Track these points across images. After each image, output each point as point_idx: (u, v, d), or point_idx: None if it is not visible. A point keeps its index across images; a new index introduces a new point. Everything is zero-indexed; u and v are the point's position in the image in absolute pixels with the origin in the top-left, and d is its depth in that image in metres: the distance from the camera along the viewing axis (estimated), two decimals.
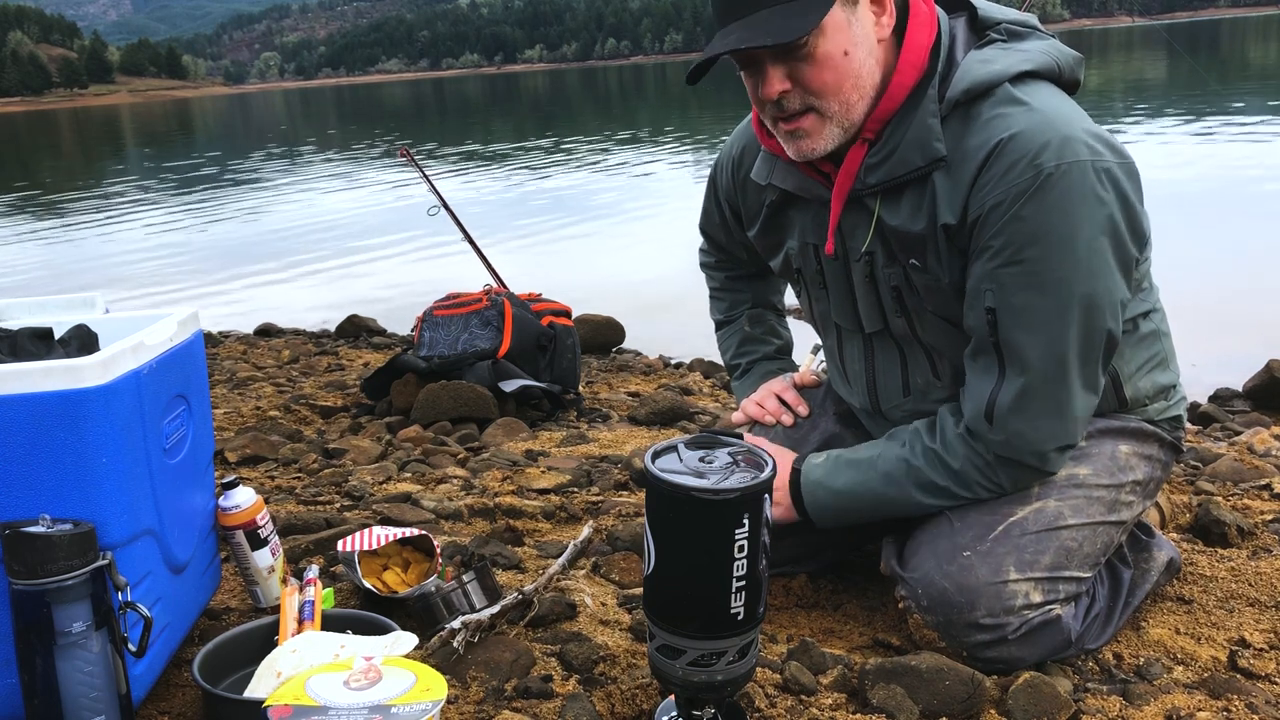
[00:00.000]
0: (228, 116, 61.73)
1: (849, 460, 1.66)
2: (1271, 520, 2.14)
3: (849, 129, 1.51)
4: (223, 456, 2.86)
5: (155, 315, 1.61)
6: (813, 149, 1.52)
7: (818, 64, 1.45)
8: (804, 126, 1.50)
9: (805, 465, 1.69)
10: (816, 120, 1.50)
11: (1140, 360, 1.67)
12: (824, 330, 1.83)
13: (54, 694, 1.25)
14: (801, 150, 1.53)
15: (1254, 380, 3.63)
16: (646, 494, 1.22)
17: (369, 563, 1.79)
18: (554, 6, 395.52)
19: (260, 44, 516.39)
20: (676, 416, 3.37)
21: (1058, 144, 1.42)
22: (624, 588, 1.88)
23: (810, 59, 1.45)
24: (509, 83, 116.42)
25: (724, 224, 1.94)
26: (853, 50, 1.46)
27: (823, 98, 1.48)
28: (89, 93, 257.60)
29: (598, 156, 16.33)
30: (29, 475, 1.28)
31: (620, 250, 8.31)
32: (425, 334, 3.63)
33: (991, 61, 1.49)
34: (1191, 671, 1.59)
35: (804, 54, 1.44)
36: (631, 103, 41.50)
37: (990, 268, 1.47)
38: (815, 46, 1.44)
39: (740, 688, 1.29)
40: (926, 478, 1.58)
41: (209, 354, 4.65)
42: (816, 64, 1.45)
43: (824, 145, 1.52)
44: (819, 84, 1.47)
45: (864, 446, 1.68)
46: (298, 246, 9.58)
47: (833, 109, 1.48)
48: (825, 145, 1.52)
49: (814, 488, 1.66)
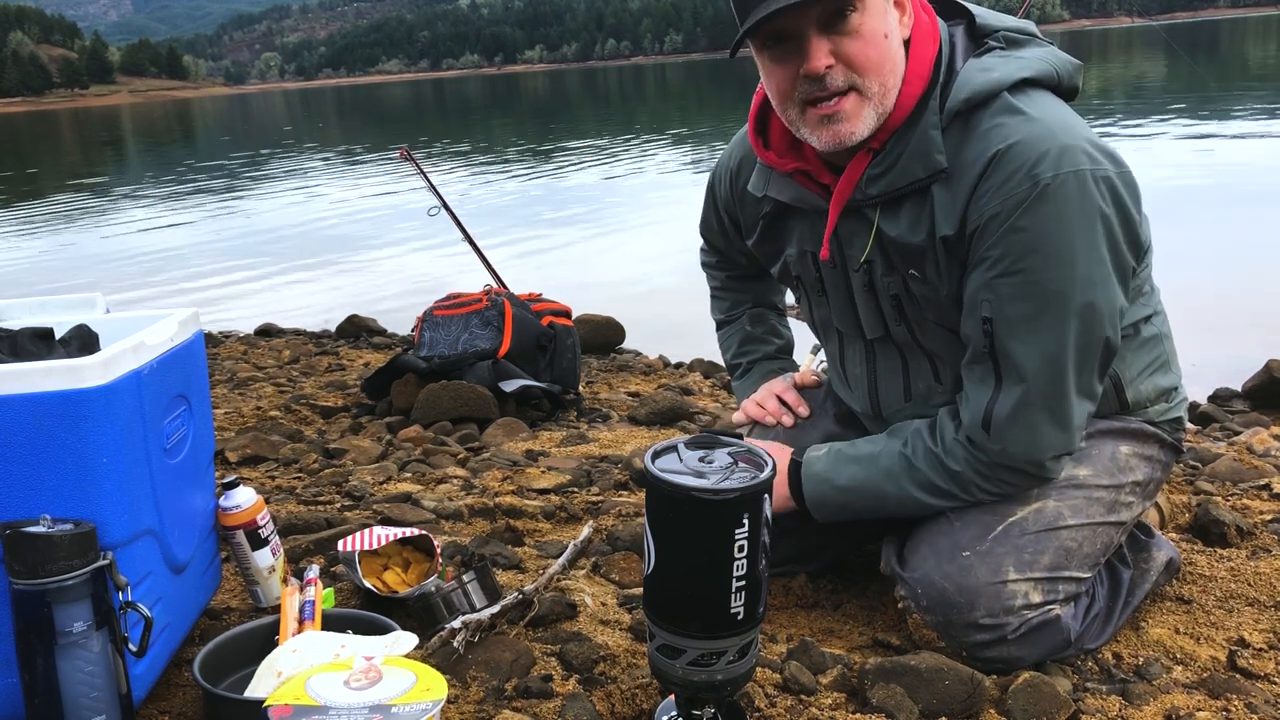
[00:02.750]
0: (228, 117, 61.74)
1: (851, 455, 1.65)
2: (1271, 520, 2.14)
3: (882, 116, 1.49)
4: (223, 456, 2.86)
5: (156, 315, 1.61)
6: (851, 132, 1.48)
7: (864, 39, 1.43)
8: (844, 108, 1.46)
9: (806, 457, 1.69)
10: (857, 101, 1.46)
11: (1142, 364, 1.67)
12: (825, 335, 1.83)
13: (54, 694, 1.25)
14: (839, 135, 1.48)
15: (1253, 380, 3.62)
16: (646, 494, 1.22)
17: (369, 563, 1.79)
18: (554, 7, 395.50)
19: (260, 44, 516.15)
20: (676, 416, 3.37)
21: (1056, 154, 1.41)
22: (624, 588, 1.88)
23: (856, 34, 1.43)
24: (509, 83, 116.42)
25: (723, 232, 1.95)
26: (891, 35, 1.46)
27: (866, 75, 1.45)
28: (89, 93, 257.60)
29: (598, 156, 16.33)
30: (30, 475, 1.28)
31: (621, 250, 8.31)
32: (425, 334, 3.63)
33: (991, 70, 1.49)
34: (1191, 671, 1.59)
35: (850, 29, 1.43)
36: (631, 103, 41.49)
37: (988, 278, 1.46)
38: (860, 23, 1.43)
39: (740, 687, 1.29)
40: (927, 479, 1.58)
41: (209, 354, 4.65)
42: (863, 39, 1.43)
43: (861, 129, 1.48)
44: (864, 59, 1.44)
45: (864, 442, 1.68)
46: (298, 246, 9.59)
47: (873, 89, 1.46)
48: (862, 129, 1.48)
49: (815, 481, 1.66)
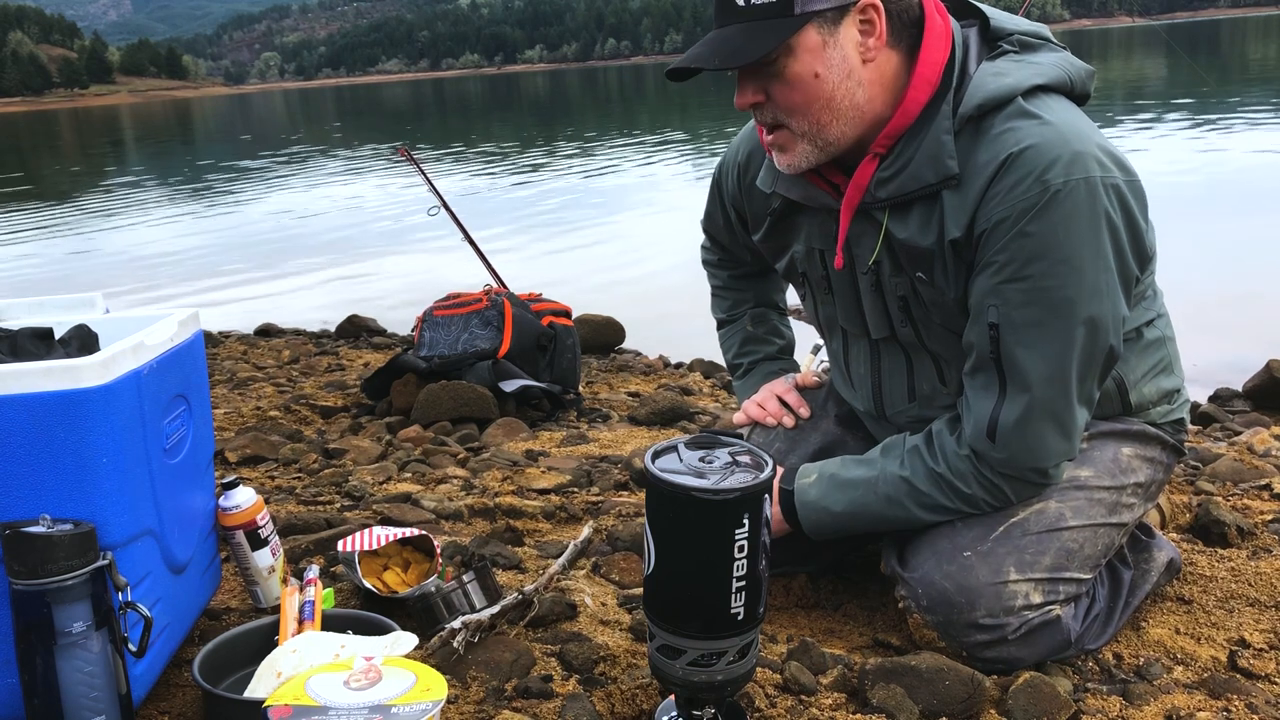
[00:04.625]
0: (228, 117, 61.73)
1: (845, 480, 1.63)
2: (1271, 520, 2.14)
3: (824, 147, 1.52)
4: (223, 456, 2.86)
5: (155, 315, 1.61)
6: (789, 164, 1.55)
7: (787, 83, 1.47)
8: (778, 141, 1.54)
9: (797, 485, 1.67)
10: (788, 136, 1.52)
11: (1146, 367, 1.67)
12: (829, 333, 1.82)
13: (54, 694, 1.25)
14: (781, 163, 1.57)
15: (1254, 380, 3.62)
16: (646, 494, 1.22)
17: (369, 563, 1.79)
18: (554, 7, 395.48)
19: (260, 44, 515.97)
20: (676, 416, 3.37)
21: (1067, 160, 1.41)
22: (624, 588, 1.88)
23: (780, 77, 1.47)
24: (509, 83, 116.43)
25: (728, 226, 1.94)
26: (825, 73, 1.46)
27: (791, 116, 1.50)
28: (89, 93, 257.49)
29: (598, 156, 16.33)
30: (29, 475, 1.28)
31: (620, 250, 8.31)
32: (425, 334, 3.63)
33: (1004, 74, 1.48)
34: (1191, 671, 1.59)
35: (774, 73, 1.47)
36: (631, 103, 41.49)
37: (994, 283, 1.46)
38: (785, 66, 1.45)
39: (740, 688, 1.29)
40: (932, 500, 1.57)
41: (209, 354, 4.65)
42: (786, 83, 1.47)
43: (800, 161, 1.54)
44: (786, 103, 1.49)
45: (855, 463, 1.66)
46: (298, 246, 9.58)
47: (802, 128, 1.50)
48: (801, 161, 1.54)
49: (810, 509, 1.64)
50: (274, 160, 21.16)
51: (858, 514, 1.62)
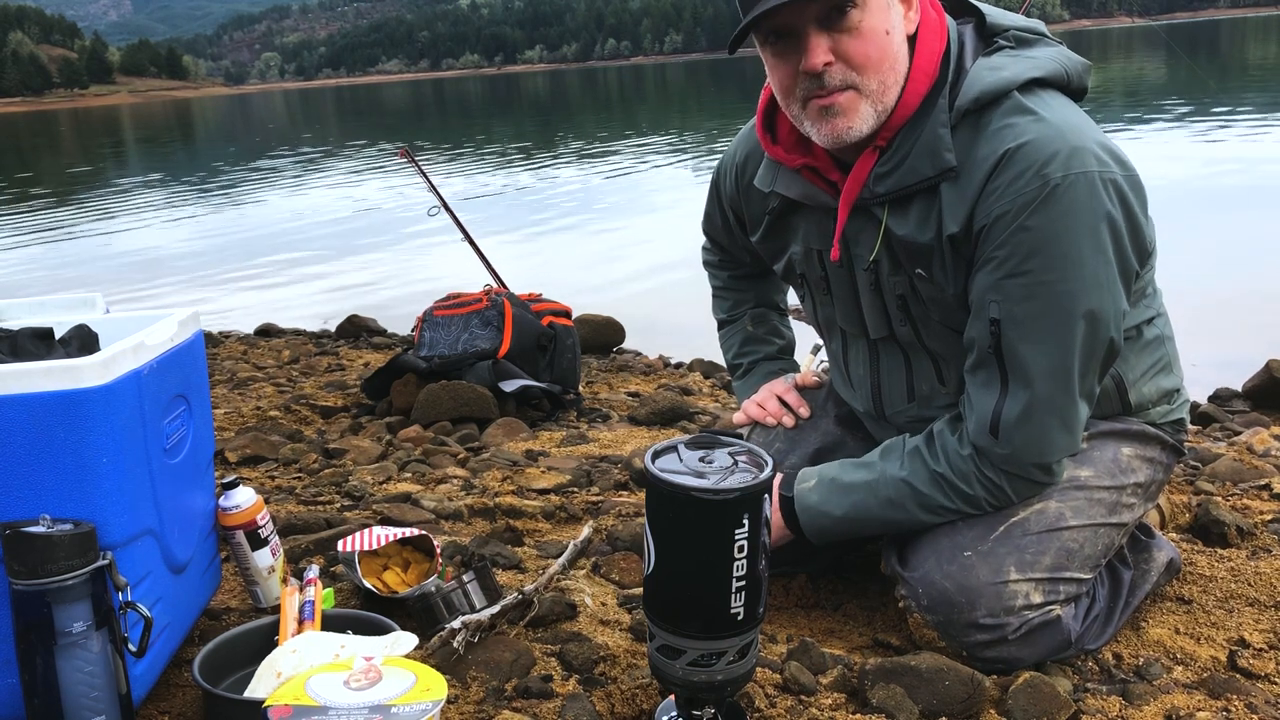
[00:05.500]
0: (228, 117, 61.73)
1: (845, 484, 1.63)
2: (1271, 520, 2.14)
3: (881, 114, 1.48)
4: (223, 456, 2.86)
5: (155, 315, 1.61)
6: (849, 128, 1.48)
7: (863, 37, 1.43)
8: (840, 102, 1.46)
9: (796, 491, 1.66)
10: (855, 98, 1.46)
11: (1145, 366, 1.67)
12: (828, 334, 1.82)
13: (54, 694, 1.25)
14: (837, 130, 1.48)
15: (1253, 380, 3.62)
16: (646, 494, 1.22)
17: (369, 563, 1.79)
18: (554, 7, 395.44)
19: (260, 44, 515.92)
20: (676, 416, 3.37)
21: (1066, 155, 1.41)
22: (624, 588, 1.88)
23: (855, 31, 1.43)
24: (509, 83, 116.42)
25: (727, 228, 1.94)
26: (893, 32, 1.46)
27: (864, 73, 1.45)
28: (89, 93, 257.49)
29: (598, 156, 16.33)
30: (29, 475, 1.28)
31: (621, 250, 8.31)
32: (425, 334, 3.63)
33: (1001, 69, 1.48)
34: (1191, 671, 1.59)
35: (849, 26, 1.43)
36: (631, 103, 41.48)
37: (995, 279, 1.46)
38: (860, 20, 1.43)
39: (740, 688, 1.29)
40: (933, 501, 1.57)
41: (209, 354, 4.65)
42: (862, 37, 1.43)
43: (859, 126, 1.48)
44: (862, 57, 1.44)
45: (854, 466, 1.65)
46: (298, 246, 9.58)
47: (872, 86, 1.46)
48: (860, 126, 1.48)
49: (811, 514, 1.64)
50: (274, 160, 21.15)
51: (859, 517, 1.62)
